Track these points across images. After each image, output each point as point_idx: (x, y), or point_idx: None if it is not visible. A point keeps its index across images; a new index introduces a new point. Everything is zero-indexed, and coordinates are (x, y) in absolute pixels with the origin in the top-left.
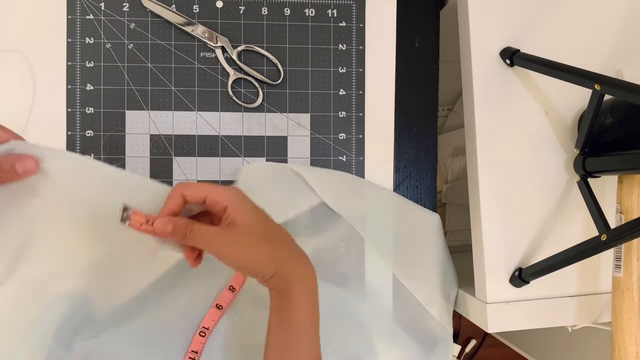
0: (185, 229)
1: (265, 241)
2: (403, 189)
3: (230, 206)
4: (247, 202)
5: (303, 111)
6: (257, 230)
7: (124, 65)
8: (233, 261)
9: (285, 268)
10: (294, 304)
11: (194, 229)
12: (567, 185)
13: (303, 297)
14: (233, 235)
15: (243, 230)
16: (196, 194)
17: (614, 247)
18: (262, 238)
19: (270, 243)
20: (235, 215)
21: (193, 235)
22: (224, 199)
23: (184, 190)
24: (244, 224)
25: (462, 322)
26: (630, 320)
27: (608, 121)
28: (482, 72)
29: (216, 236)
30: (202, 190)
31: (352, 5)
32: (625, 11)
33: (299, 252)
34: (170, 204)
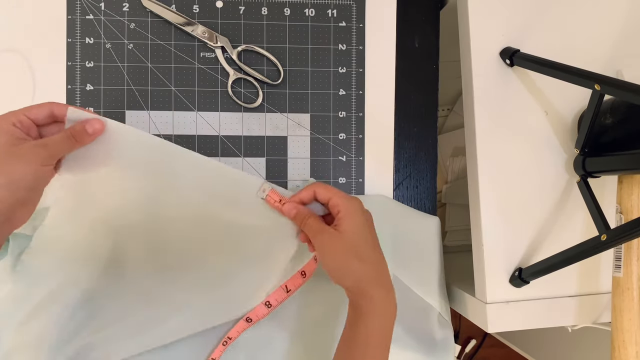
0: (304, 217)
1: (355, 255)
2: (403, 189)
3: (343, 212)
4: (359, 214)
5: (303, 111)
6: (352, 242)
7: (123, 65)
8: (322, 259)
9: (362, 286)
10: (364, 323)
11: (309, 221)
12: (567, 185)
13: (374, 319)
14: (332, 237)
15: (341, 237)
16: (324, 194)
17: (613, 247)
18: (354, 251)
19: (358, 259)
20: (343, 222)
21: (306, 225)
22: (342, 204)
23: (316, 188)
24: (345, 231)
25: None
26: (630, 320)
27: (608, 121)
28: (482, 72)
29: (319, 232)
30: (329, 192)
31: (352, 5)
32: (625, 11)
33: (385, 280)
34: (303, 195)
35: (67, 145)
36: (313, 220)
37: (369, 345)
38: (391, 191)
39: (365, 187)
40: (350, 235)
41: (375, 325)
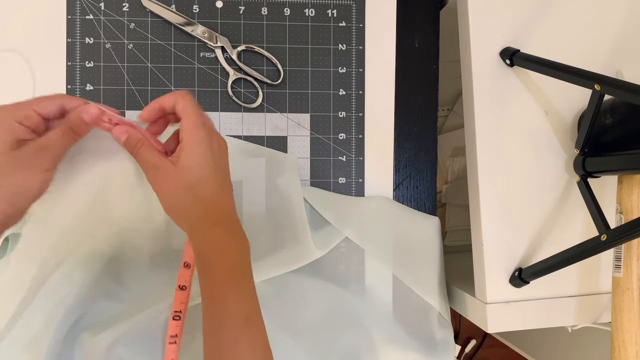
0: (135, 144)
1: (187, 193)
2: (403, 189)
3: (185, 140)
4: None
5: (303, 111)
6: (189, 179)
7: (123, 66)
8: (158, 197)
9: (200, 230)
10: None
11: (140, 151)
12: (567, 185)
13: (220, 267)
14: (166, 172)
15: (177, 172)
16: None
17: (613, 247)
18: (189, 188)
19: (191, 196)
20: (182, 153)
21: (138, 155)
22: (187, 131)
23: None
24: (183, 166)
25: (462, 322)
26: (630, 320)
27: (608, 121)
28: (482, 72)
29: (153, 166)
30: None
31: (352, 5)
32: (625, 11)
33: (225, 219)
34: (145, 111)
35: (68, 141)
36: (145, 151)
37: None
38: (391, 191)
39: (365, 187)
40: (188, 170)
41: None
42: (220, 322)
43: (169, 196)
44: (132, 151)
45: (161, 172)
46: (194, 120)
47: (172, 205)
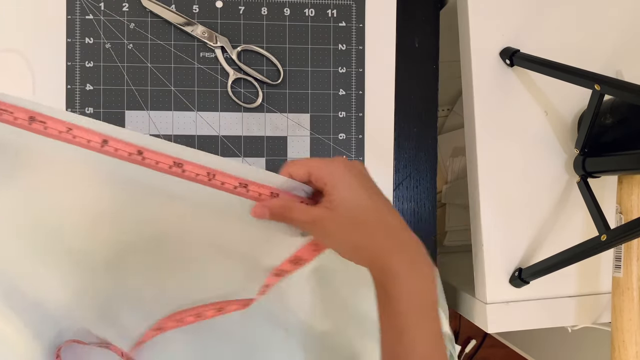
0: (282, 215)
1: (358, 228)
2: (403, 189)
3: (329, 183)
4: (346, 177)
5: (303, 111)
6: (350, 215)
7: (123, 66)
8: (330, 247)
9: (382, 261)
10: (396, 307)
11: (289, 216)
12: (567, 185)
13: (407, 299)
14: (325, 221)
15: (335, 215)
16: (299, 171)
17: (613, 247)
18: (355, 223)
19: (363, 231)
20: (332, 194)
21: (292, 220)
22: (324, 175)
23: (290, 169)
24: (337, 206)
25: (462, 322)
26: (630, 320)
27: (608, 121)
28: (482, 72)
29: (309, 222)
30: (304, 167)
31: (352, 5)
32: (625, 11)
33: (405, 245)
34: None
35: None
36: (293, 213)
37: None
38: (391, 191)
39: None
40: (344, 208)
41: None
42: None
43: (342, 242)
44: (283, 220)
45: (322, 223)
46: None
47: (348, 249)
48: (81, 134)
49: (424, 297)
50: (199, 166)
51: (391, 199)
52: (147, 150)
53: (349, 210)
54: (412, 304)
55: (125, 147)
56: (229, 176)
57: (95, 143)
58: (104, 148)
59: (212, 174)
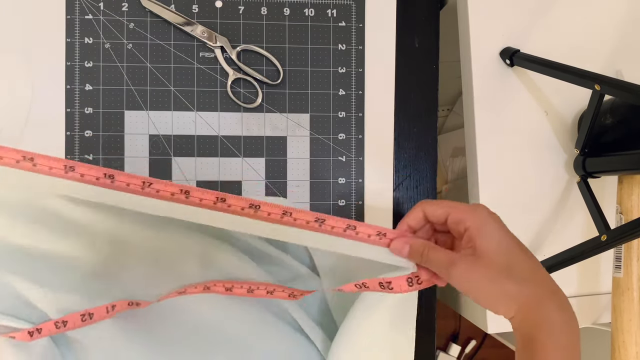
0: (422, 251)
1: (506, 276)
2: (403, 189)
3: (473, 229)
4: (492, 225)
5: (302, 111)
6: (498, 262)
7: (123, 65)
8: (468, 294)
9: (529, 311)
10: (541, 354)
11: (430, 255)
12: (567, 185)
13: (554, 351)
14: (471, 267)
15: (482, 261)
16: (437, 212)
17: (614, 247)
18: (503, 272)
19: (511, 279)
20: (476, 241)
21: (430, 261)
22: (467, 219)
23: (425, 207)
24: (484, 252)
25: (462, 322)
26: (630, 320)
27: (608, 121)
28: (482, 73)
29: (451, 265)
30: (444, 207)
31: (351, 5)
32: (625, 11)
33: (554, 294)
34: (410, 220)
35: None
36: (435, 253)
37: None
38: (391, 191)
39: (365, 188)
40: (492, 253)
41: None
42: None
43: (486, 290)
44: (421, 259)
45: (464, 268)
46: (463, 206)
47: (493, 298)
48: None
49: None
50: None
51: (391, 199)
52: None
53: (500, 258)
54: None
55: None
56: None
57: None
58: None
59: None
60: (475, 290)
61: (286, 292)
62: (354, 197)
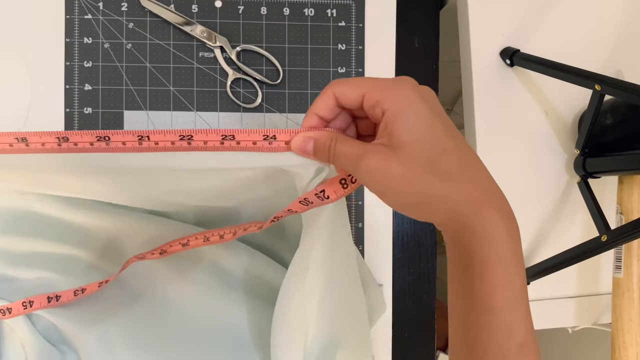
0: (329, 147)
1: (432, 173)
2: None
3: (390, 112)
4: (415, 107)
5: (302, 111)
6: (419, 154)
7: (122, 65)
8: (382, 196)
9: (463, 218)
10: (481, 271)
11: (338, 149)
12: (567, 185)
13: (497, 260)
14: (381, 158)
15: (398, 154)
16: (351, 93)
17: (614, 247)
18: (426, 167)
19: (436, 176)
20: (394, 128)
21: (337, 155)
22: (385, 100)
23: (336, 88)
24: (401, 142)
25: None
26: (630, 321)
27: (608, 121)
28: (482, 72)
29: (362, 158)
30: (358, 86)
31: (351, 5)
32: (625, 11)
33: (493, 196)
34: (319, 108)
35: None
36: (343, 145)
37: (497, 302)
38: None
39: (364, 188)
40: (414, 146)
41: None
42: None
43: (400, 188)
44: (329, 155)
45: (374, 160)
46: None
47: (414, 201)
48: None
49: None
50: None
51: None
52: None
53: (421, 148)
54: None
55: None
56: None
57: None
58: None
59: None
60: (390, 192)
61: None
62: (354, 197)
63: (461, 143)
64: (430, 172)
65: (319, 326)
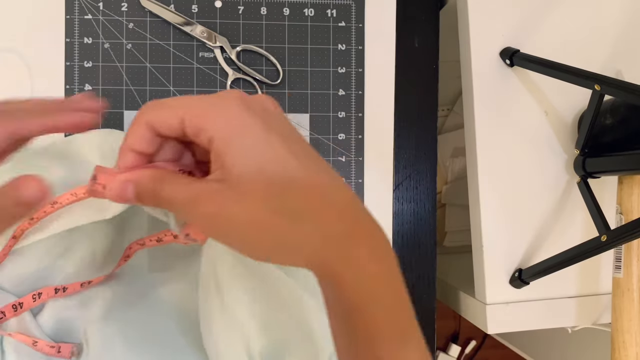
0: (154, 190)
1: (279, 213)
2: (403, 190)
3: (217, 139)
4: (250, 123)
5: (302, 111)
6: (264, 191)
7: (122, 65)
8: (233, 247)
9: (327, 261)
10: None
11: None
12: (567, 185)
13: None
14: (218, 199)
15: (238, 192)
16: (167, 120)
17: (614, 247)
18: (273, 206)
19: (287, 216)
20: (226, 159)
21: (165, 203)
22: (208, 124)
23: (149, 116)
24: (239, 176)
25: (462, 322)
26: (630, 321)
27: (608, 121)
28: (481, 73)
29: (192, 203)
30: (173, 110)
31: (351, 5)
32: (625, 11)
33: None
34: (133, 141)
35: None
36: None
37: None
38: (391, 192)
39: (364, 188)
40: (255, 178)
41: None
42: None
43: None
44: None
45: (210, 203)
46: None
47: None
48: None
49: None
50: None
51: (391, 200)
52: None
53: (267, 184)
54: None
55: None
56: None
57: None
58: None
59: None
60: (236, 240)
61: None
62: None
63: (311, 164)
64: (277, 212)
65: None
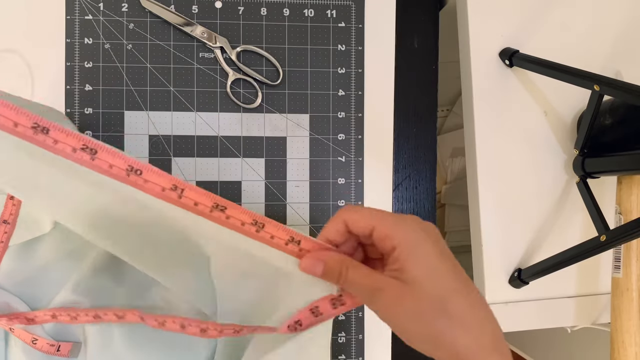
0: (340, 273)
1: (442, 313)
2: (402, 190)
3: (400, 248)
4: (424, 245)
5: (302, 112)
6: (430, 293)
7: (122, 66)
8: (395, 330)
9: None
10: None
11: (350, 276)
12: (566, 185)
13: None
14: (398, 294)
15: (412, 290)
16: (360, 223)
17: (613, 247)
18: (438, 307)
19: (448, 318)
20: (406, 264)
21: (349, 281)
22: (394, 236)
23: (347, 216)
24: (415, 279)
25: None
26: (629, 320)
27: (607, 122)
28: (481, 73)
29: (376, 291)
30: (367, 218)
31: (351, 6)
32: (625, 12)
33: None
34: (329, 232)
35: None
36: (356, 273)
37: None
38: (390, 192)
39: (364, 188)
40: (427, 283)
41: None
42: None
43: (411, 327)
44: (339, 280)
45: (389, 295)
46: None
47: (423, 338)
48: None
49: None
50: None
51: (390, 200)
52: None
53: (431, 289)
54: None
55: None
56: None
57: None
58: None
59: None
60: (401, 326)
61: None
62: (354, 198)
63: (469, 283)
64: (441, 312)
65: None
